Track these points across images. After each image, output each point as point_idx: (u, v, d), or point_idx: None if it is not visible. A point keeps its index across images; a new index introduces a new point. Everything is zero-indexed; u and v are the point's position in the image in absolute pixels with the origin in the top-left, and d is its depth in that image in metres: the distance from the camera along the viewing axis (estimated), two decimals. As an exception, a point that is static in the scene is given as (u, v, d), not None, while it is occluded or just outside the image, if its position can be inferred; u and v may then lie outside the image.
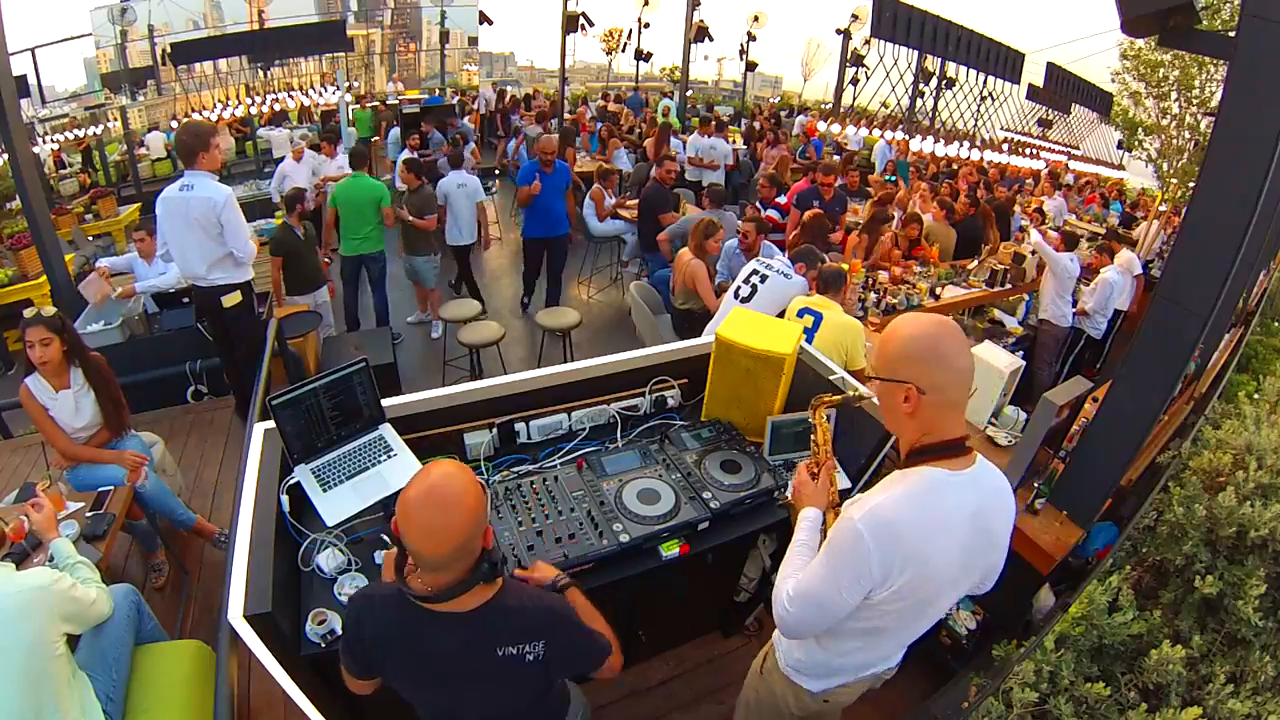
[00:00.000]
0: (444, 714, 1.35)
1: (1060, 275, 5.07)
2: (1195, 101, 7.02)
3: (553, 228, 5.63)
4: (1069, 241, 5.27)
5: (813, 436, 1.58)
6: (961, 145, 8.59)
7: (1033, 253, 5.87)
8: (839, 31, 13.08)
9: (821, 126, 10.95)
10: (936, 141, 8.65)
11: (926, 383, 1.18)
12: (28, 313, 2.70)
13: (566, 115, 12.30)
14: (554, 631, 1.25)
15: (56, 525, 2.16)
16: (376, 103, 12.65)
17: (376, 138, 10.02)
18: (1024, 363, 3.29)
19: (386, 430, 1.99)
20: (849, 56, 13.18)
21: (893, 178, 8.74)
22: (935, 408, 1.20)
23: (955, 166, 9.60)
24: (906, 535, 1.19)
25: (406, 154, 7.68)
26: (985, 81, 11.42)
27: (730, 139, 9.38)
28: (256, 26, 14.08)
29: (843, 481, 2.02)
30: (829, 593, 1.26)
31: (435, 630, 1.19)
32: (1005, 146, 10.78)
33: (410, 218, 5.20)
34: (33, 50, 10.84)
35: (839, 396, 1.59)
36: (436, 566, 1.12)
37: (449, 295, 6.28)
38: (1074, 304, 5.26)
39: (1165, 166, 7.83)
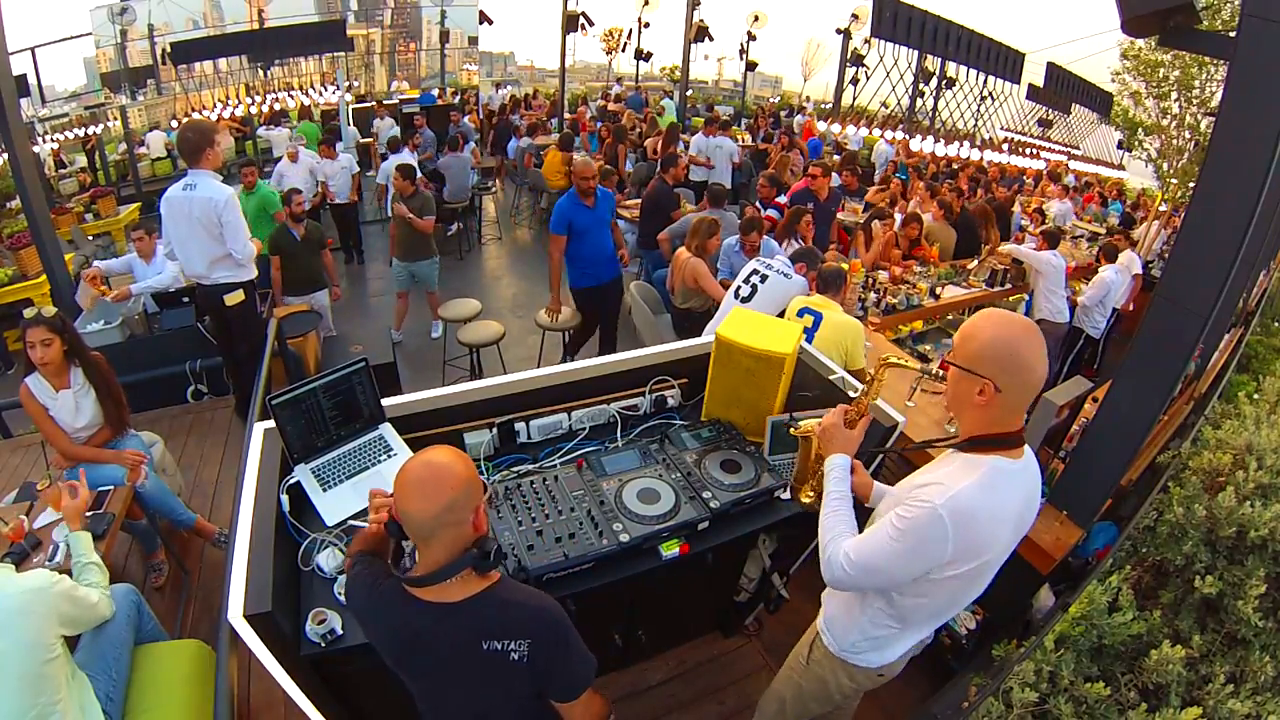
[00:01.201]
0: (435, 705, 1.35)
1: (1046, 272, 5.11)
2: (1195, 101, 7.02)
3: (604, 272, 4.41)
4: (1050, 240, 5.28)
5: (867, 388, 1.58)
6: (961, 145, 8.59)
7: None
8: (839, 31, 13.07)
9: (821, 126, 10.95)
10: (936, 141, 8.65)
11: (1004, 383, 1.24)
12: (28, 313, 2.70)
13: (566, 115, 12.29)
14: (543, 633, 1.20)
15: (83, 518, 2.16)
16: (373, 102, 12.53)
17: (368, 139, 9.88)
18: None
19: (386, 430, 1.99)
20: (849, 56, 13.17)
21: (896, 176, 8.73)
22: (1006, 406, 1.27)
23: (955, 167, 9.60)
24: (981, 523, 1.27)
25: (406, 154, 7.70)
26: (985, 81, 11.44)
27: (738, 138, 9.41)
28: (256, 26, 14.06)
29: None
30: (896, 566, 1.33)
31: (417, 615, 1.19)
32: (1005, 146, 10.78)
33: (410, 214, 5.15)
34: (33, 50, 10.85)
35: (915, 362, 1.59)
36: (425, 531, 1.15)
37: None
38: (1071, 305, 5.27)
39: (1165, 166, 7.84)
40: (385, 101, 11.81)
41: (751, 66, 15.07)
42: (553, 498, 1.87)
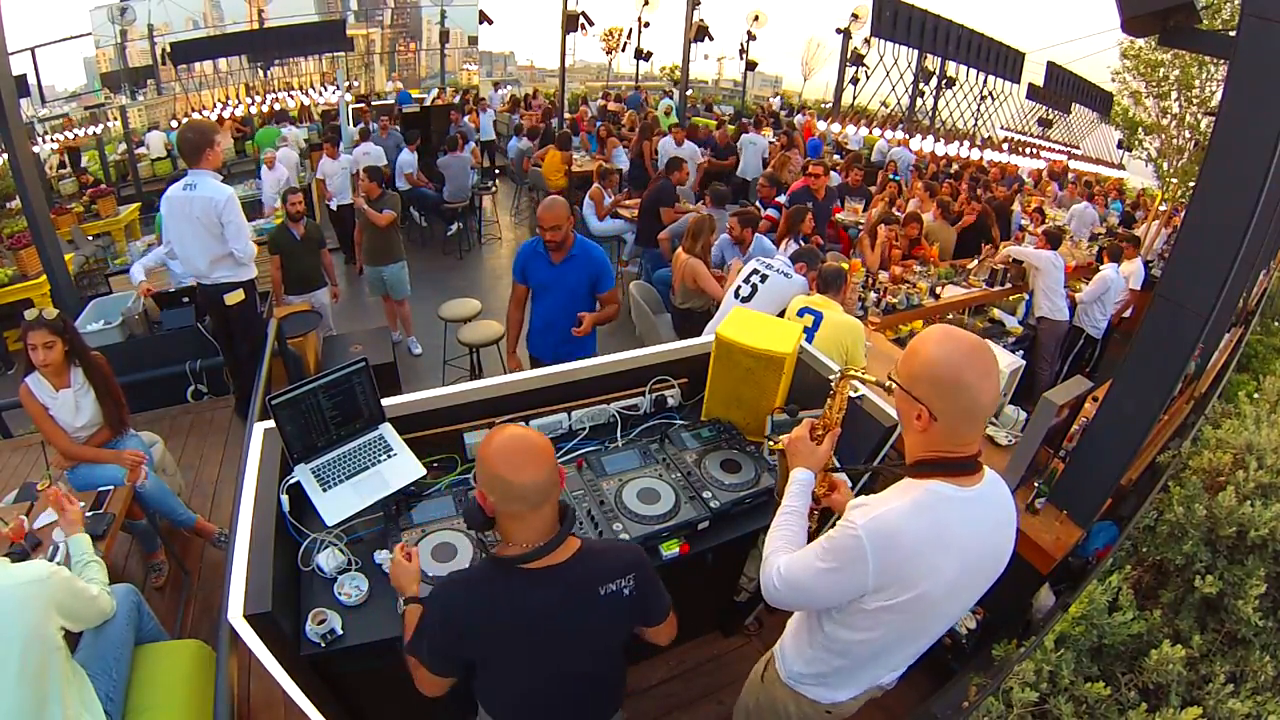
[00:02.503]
0: (544, 680, 1.36)
1: (1046, 270, 5.11)
2: (1195, 101, 7.03)
3: (558, 349, 3.18)
4: (1052, 240, 5.26)
5: (829, 400, 1.52)
6: (961, 145, 8.58)
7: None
8: (839, 31, 13.06)
9: (821, 126, 10.94)
10: (936, 141, 8.64)
11: (939, 408, 1.14)
12: (29, 314, 2.70)
13: (566, 115, 12.29)
14: (640, 568, 1.35)
15: (81, 522, 2.15)
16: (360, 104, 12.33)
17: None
18: (1024, 362, 3.30)
19: (386, 430, 1.99)
20: (849, 56, 13.16)
21: (896, 177, 8.73)
22: (947, 431, 1.17)
23: (955, 166, 9.59)
24: (907, 548, 1.17)
25: (406, 154, 7.70)
26: (985, 81, 11.42)
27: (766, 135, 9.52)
28: (256, 26, 14.06)
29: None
30: (818, 586, 1.27)
31: (538, 587, 1.24)
32: (1005, 146, 10.77)
33: (367, 206, 5.01)
34: (33, 50, 10.85)
35: (871, 378, 1.47)
36: (541, 496, 1.20)
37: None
38: (1071, 304, 5.27)
39: (1165, 166, 7.84)
40: (377, 103, 11.73)
41: (751, 66, 15.07)
42: (553, 498, 1.87)
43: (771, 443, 1.80)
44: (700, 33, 12.10)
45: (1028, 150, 11.52)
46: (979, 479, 1.22)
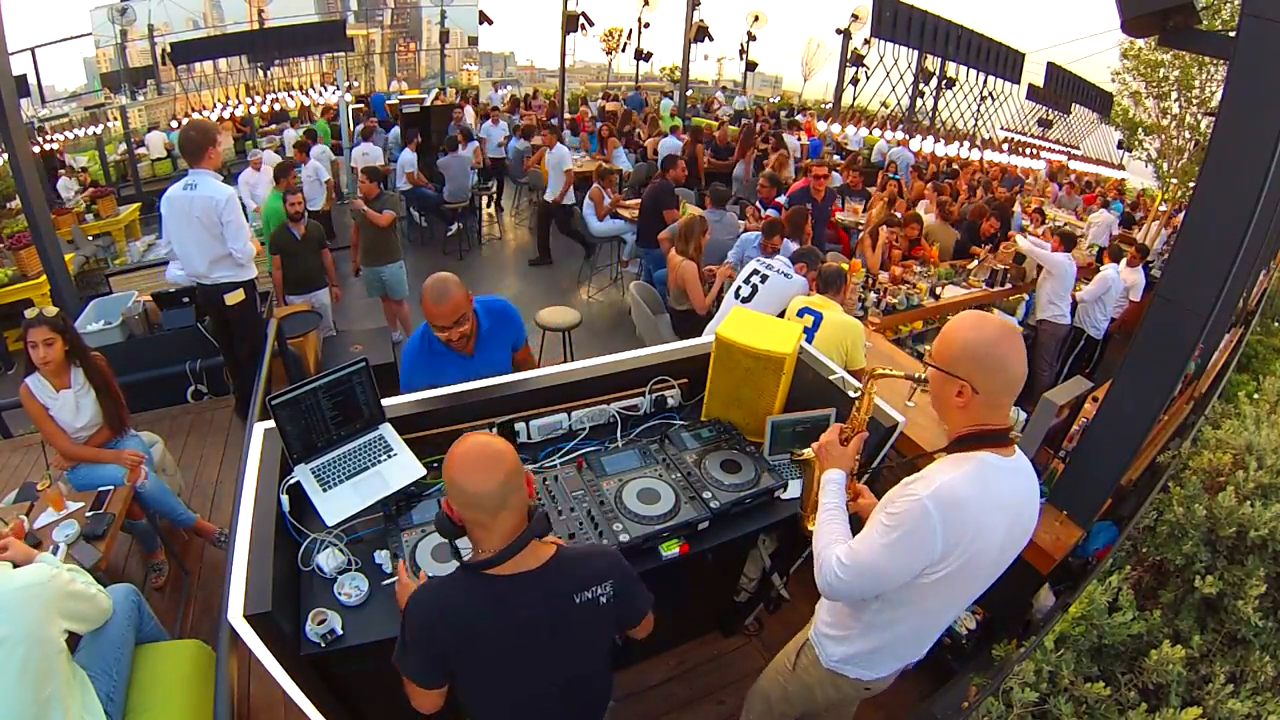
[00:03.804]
0: (528, 685, 1.36)
1: (1059, 275, 5.07)
2: (1195, 101, 7.04)
3: None
4: (1066, 241, 5.23)
5: (857, 403, 1.61)
6: (961, 145, 8.59)
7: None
8: (839, 31, 13.08)
9: (821, 126, 10.95)
10: (936, 141, 8.65)
11: (981, 383, 1.25)
12: (29, 313, 2.70)
13: (566, 115, 12.29)
14: (617, 571, 1.35)
15: (36, 545, 2.14)
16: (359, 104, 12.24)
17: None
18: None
19: (386, 430, 1.99)
20: (849, 56, 13.17)
21: (895, 176, 8.74)
22: (985, 406, 1.28)
23: (955, 167, 9.60)
24: (970, 514, 1.25)
25: (407, 154, 7.70)
26: (985, 81, 11.44)
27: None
28: (256, 26, 14.06)
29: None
30: (887, 565, 1.31)
31: (513, 593, 1.24)
32: (1005, 146, 10.78)
33: (366, 208, 5.00)
34: (33, 50, 10.86)
35: (901, 372, 1.58)
36: (493, 505, 1.20)
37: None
38: (1072, 305, 5.25)
39: (1165, 166, 7.85)
40: (391, 101, 11.68)
41: (751, 66, 15.11)
42: (553, 498, 1.87)
43: (796, 453, 1.85)
44: (700, 33, 12.12)
45: (1027, 151, 11.54)
46: (1014, 450, 1.32)
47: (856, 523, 1.50)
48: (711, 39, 12.43)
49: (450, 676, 1.30)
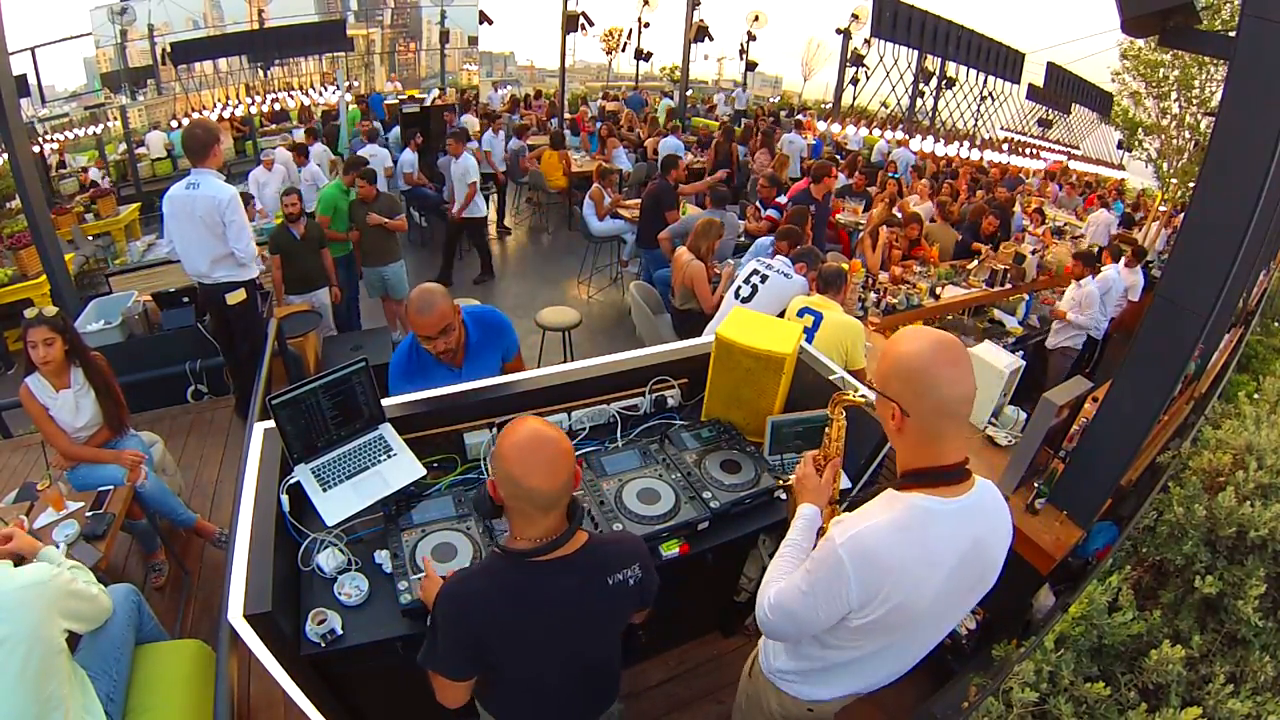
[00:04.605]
0: (553, 670, 1.37)
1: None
2: (1195, 101, 7.04)
3: None
4: (1086, 260, 4.97)
5: (827, 430, 1.55)
6: (961, 145, 8.59)
7: (1033, 252, 5.86)
8: (839, 31, 13.08)
9: (821, 126, 10.95)
10: (936, 141, 8.65)
11: (910, 405, 1.14)
12: (29, 313, 2.70)
13: (566, 115, 12.29)
14: (642, 555, 1.40)
15: (39, 537, 2.14)
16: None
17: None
18: (1024, 363, 3.29)
19: (386, 430, 1.99)
20: (849, 56, 13.17)
21: (896, 175, 8.74)
22: (921, 432, 1.15)
23: (955, 166, 9.60)
24: (887, 565, 1.16)
25: (408, 153, 7.70)
26: (985, 81, 11.44)
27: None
28: (256, 26, 14.06)
29: (843, 482, 2.02)
30: (804, 610, 1.26)
31: (551, 579, 1.26)
32: (1005, 146, 10.78)
33: (383, 219, 5.07)
34: (33, 50, 10.84)
35: (862, 399, 1.52)
36: (550, 502, 1.21)
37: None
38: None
39: (1165, 166, 7.86)
40: (390, 101, 11.68)
41: (751, 66, 15.10)
42: (553, 498, 1.87)
43: (781, 481, 1.85)
44: (700, 33, 12.13)
45: (1027, 151, 11.54)
46: (966, 488, 1.19)
47: None
48: (711, 39, 12.44)
49: (480, 666, 1.30)
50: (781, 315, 3.40)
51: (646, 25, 14.32)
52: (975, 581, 1.27)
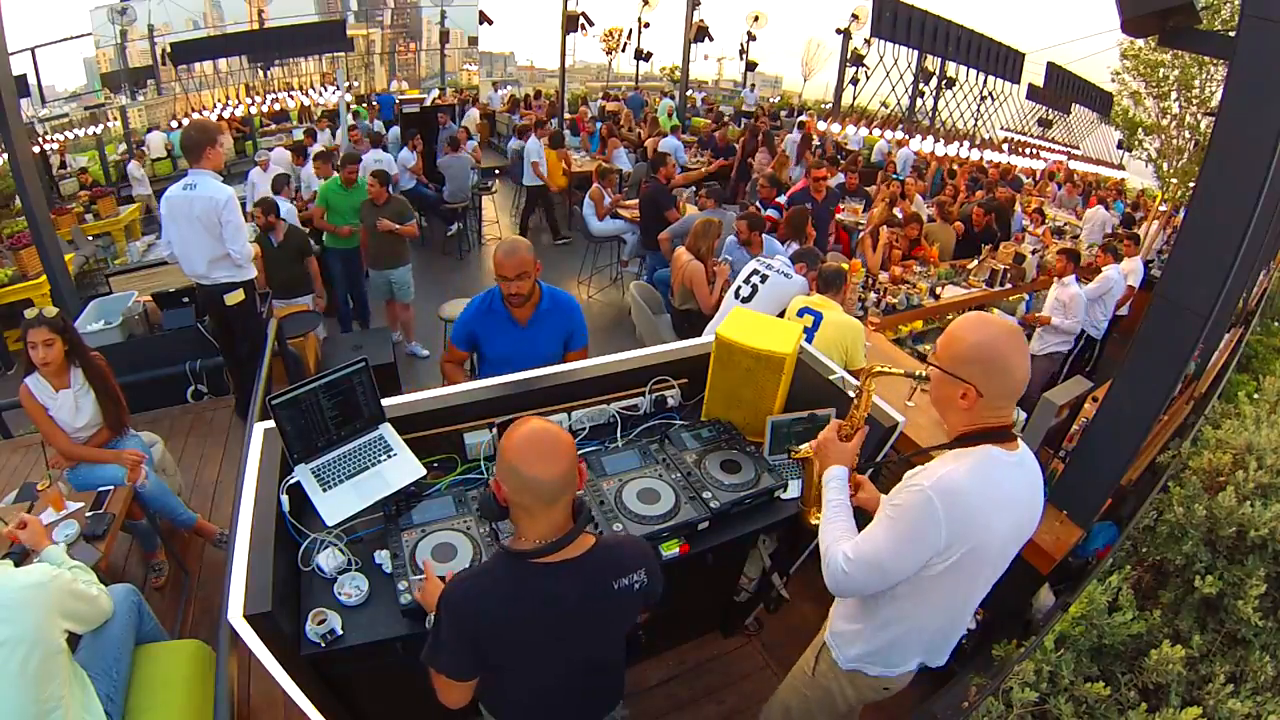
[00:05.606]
0: (557, 672, 1.37)
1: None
2: (1195, 101, 7.03)
3: None
4: (1071, 256, 4.91)
5: (856, 401, 1.61)
6: (961, 145, 8.59)
7: (1034, 252, 5.86)
8: (839, 31, 13.06)
9: (821, 126, 10.94)
10: (936, 141, 8.65)
11: (985, 386, 1.26)
12: (29, 313, 2.70)
13: (566, 115, 12.29)
14: (648, 560, 1.40)
15: (47, 535, 2.14)
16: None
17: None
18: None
19: (386, 430, 1.99)
20: (849, 56, 13.16)
21: (896, 175, 8.74)
22: (988, 407, 1.29)
23: (954, 166, 9.60)
24: (973, 504, 1.26)
25: (406, 153, 7.71)
26: (985, 81, 11.43)
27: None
28: (256, 26, 14.07)
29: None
30: (891, 557, 1.32)
31: (554, 580, 1.25)
32: (1005, 146, 10.77)
33: (396, 226, 5.03)
34: (33, 50, 10.86)
35: (900, 370, 1.59)
36: (552, 494, 1.21)
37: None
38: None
39: (1165, 166, 7.85)
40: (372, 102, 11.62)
41: (751, 66, 15.11)
42: (553, 498, 1.87)
43: (794, 450, 1.85)
44: (700, 33, 12.13)
45: (1027, 151, 11.53)
46: (1017, 446, 1.34)
47: (860, 516, 1.50)
48: (711, 39, 12.43)
49: (484, 667, 1.30)
50: (781, 315, 3.40)
51: (646, 25, 14.32)
52: (1025, 530, 1.38)
